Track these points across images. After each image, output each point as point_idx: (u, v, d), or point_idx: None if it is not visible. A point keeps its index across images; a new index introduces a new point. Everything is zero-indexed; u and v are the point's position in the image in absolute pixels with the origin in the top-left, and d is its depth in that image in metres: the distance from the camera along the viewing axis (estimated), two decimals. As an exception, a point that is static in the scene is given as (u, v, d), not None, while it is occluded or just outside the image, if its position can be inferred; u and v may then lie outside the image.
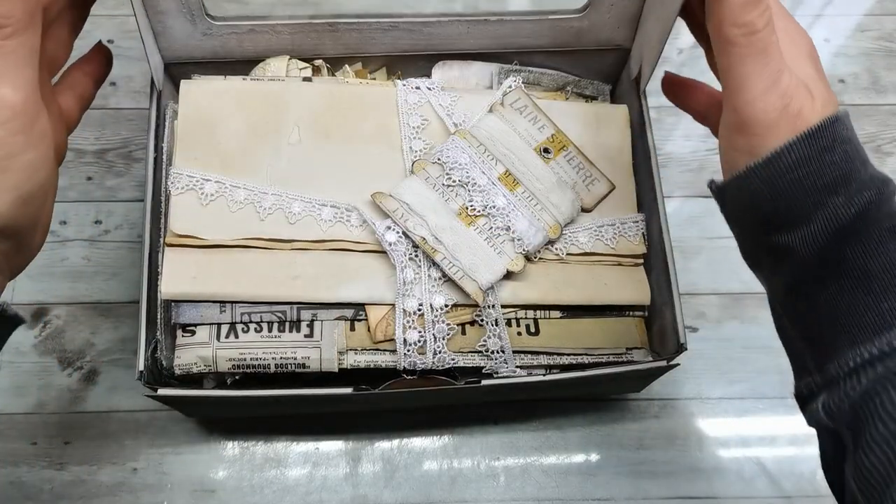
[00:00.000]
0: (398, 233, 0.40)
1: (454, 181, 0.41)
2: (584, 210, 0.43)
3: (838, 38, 0.65)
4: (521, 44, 0.46)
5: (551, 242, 0.42)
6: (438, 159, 0.41)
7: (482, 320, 0.40)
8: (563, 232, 0.42)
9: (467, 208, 0.41)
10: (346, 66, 0.47)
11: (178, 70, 0.44)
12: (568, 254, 0.42)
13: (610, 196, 0.44)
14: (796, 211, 0.27)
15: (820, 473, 0.29)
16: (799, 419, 0.31)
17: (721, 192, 0.31)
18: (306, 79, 0.44)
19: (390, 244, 0.39)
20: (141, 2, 0.37)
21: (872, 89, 0.63)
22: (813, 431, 0.30)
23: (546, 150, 0.43)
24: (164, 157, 0.42)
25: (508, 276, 0.40)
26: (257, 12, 0.63)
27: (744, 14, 0.27)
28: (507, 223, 0.41)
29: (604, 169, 0.44)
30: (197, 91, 0.42)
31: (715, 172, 0.60)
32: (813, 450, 0.52)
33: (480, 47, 0.46)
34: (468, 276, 0.39)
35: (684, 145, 0.61)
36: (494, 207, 0.41)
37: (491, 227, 0.40)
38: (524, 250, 0.41)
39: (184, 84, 0.42)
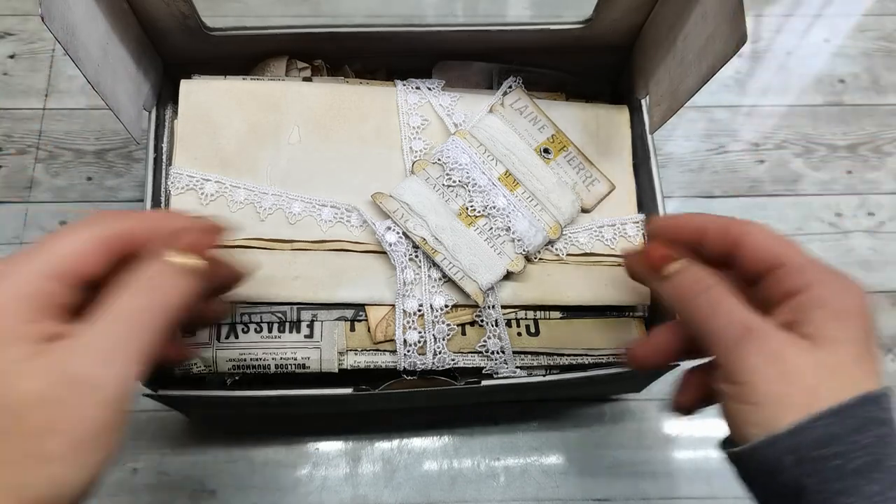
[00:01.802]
0: (398, 233, 0.40)
1: (454, 181, 0.41)
2: (584, 210, 0.43)
3: (838, 38, 0.65)
4: (522, 47, 0.46)
5: (551, 243, 0.42)
6: (439, 159, 0.41)
7: (482, 321, 0.40)
8: (564, 232, 0.42)
9: (467, 209, 0.41)
10: (346, 66, 0.47)
11: (177, 70, 0.44)
12: (568, 254, 0.42)
13: (610, 196, 0.44)
14: (827, 491, 0.25)
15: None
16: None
17: (738, 459, 0.27)
18: (306, 79, 0.44)
19: (390, 245, 0.39)
20: (100, 88, 0.35)
21: (872, 89, 0.63)
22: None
23: (546, 151, 0.43)
24: (164, 157, 0.42)
25: (508, 276, 0.40)
26: (256, 11, 0.64)
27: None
28: (508, 224, 0.41)
29: (604, 169, 0.44)
30: (197, 90, 0.42)
31: (715, 173, 0.60)
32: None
33: (481, 51, 0.46)
34: (468, 276, 0.39)
35: (684, 145, 0.61)
36: (495, 208, 0.41)
37: (491, 228, 0.40)
38: (524, 251, 0.41)
39: (184, 84, 0.42)
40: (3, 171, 0.56)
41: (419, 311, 0.39)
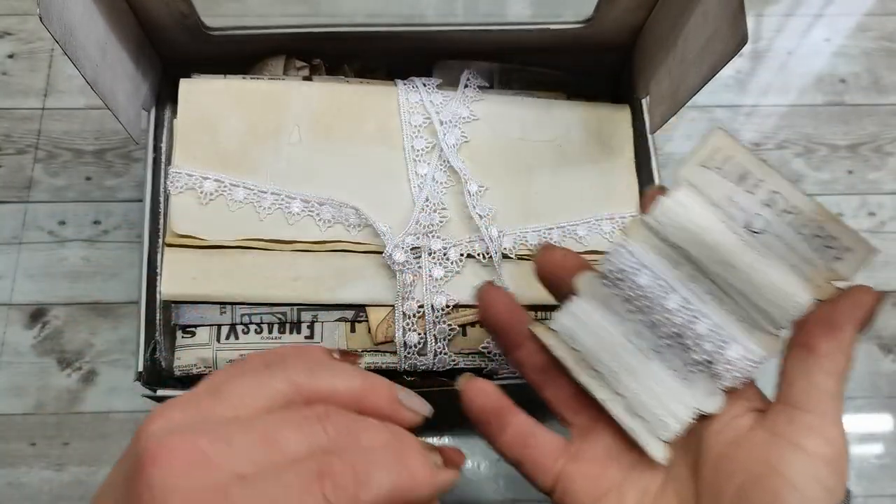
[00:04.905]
0: (405, 251, 0.39)
1: (633, 309, 0.28)
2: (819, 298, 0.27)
3: (839, 37, 0.65)
4: (522, 47, 0.46)
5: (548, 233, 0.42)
6: (609, 276, 0.28)
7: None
8: (563, 224, 0.42)
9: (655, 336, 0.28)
10: (346, 65, 0.46)
11: (177, 69, 0.44)
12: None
13: (611, 193, 0.44)
14: None
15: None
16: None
17: None
18: (306, 78, 0.44)
19: (398, 263, 0.39)
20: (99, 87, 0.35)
21: (873, 89, 0.63)
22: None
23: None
24: (164, 156, 0.42)
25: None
26: (255, 10, 0.63)
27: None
28: (709, 352, 0.27)
29: (605, 168, 0.44)
30: (196, 90, 0.41)
31: (715, 172, 0.60)
32: (813, 450, 0.52)
33: (481, 50, 0.46)
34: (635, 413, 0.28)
35: (685, 145, 0.61)
36: (693, 333, 0.27)
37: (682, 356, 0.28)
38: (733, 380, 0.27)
39: (183, 83, 0.42)
40: (2, 170, 0.56)
41: (419, 311, 0.39)
